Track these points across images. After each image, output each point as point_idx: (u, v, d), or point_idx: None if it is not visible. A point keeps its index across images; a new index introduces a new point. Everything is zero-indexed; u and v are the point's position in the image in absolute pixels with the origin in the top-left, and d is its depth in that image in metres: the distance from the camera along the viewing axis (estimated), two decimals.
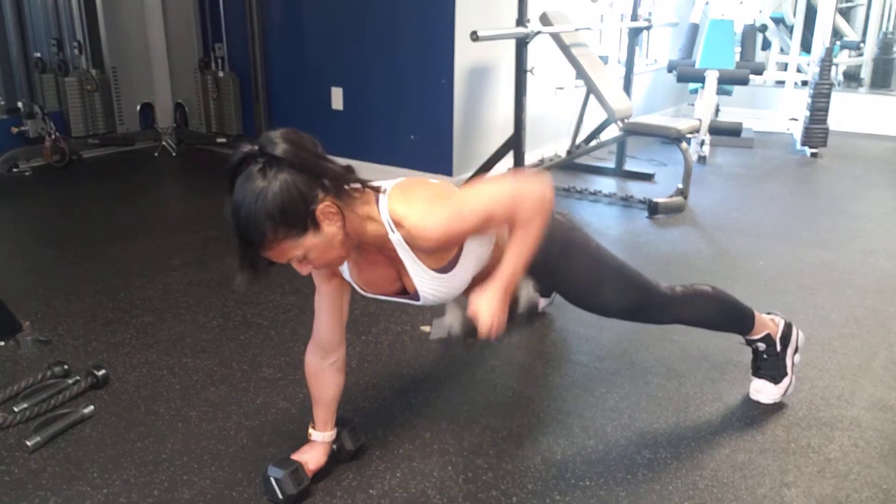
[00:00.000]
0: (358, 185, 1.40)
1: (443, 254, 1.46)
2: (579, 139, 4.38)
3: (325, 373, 1.64)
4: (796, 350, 2.00)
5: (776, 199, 4.23)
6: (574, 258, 1.75)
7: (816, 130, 5.17)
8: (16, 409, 1.86)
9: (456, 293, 1.55)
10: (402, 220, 1.37)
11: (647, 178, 4.47)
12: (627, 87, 4.68)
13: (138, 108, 5.01)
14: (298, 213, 1.26)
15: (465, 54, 3.94)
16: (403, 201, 1.39)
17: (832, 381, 2.12)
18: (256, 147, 1.27)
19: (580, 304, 1.84)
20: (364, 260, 1.49)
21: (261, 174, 1.25)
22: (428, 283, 1.48)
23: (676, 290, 1.85)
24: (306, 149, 1.29)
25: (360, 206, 1.38)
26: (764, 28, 6.75)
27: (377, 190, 1.41)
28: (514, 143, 3.74)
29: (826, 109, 5.14)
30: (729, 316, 1.94)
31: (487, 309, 1.41)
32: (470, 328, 1.44)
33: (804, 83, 6.12)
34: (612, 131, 4.45)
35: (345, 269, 1.53)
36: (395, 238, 1.40)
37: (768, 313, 2.01)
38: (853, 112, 6.09)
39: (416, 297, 1.53)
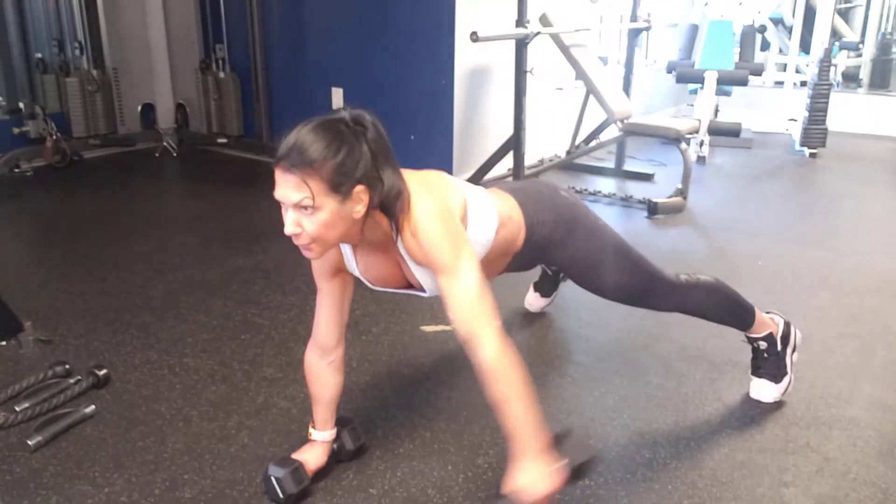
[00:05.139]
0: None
1: None
2: (579, 139, 4.38)
3: (323, 372, 1.65)
4: (795, 349, 2.01)
5: (775, 199, 4.23)
6: (581, 235, 1.76)
7: (815, 131, 5.17)
8: (17, 409, 1.87)
9: None
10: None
11: (646, 178, 4.48)
12: (627, 88, 4.69)
13: (139, 108, 5.02)
14: (347, 172, 1.29)
15: (465, 55, 3.94)
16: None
17: (831, 380, 2.12)
18: (350, 116, 1.36)
19: (584, 282, 1.84)
20: (373, 257, 1.51)
21: (347, 128, 1.33)
22: (430, 277, 1.49)
23: (680, 277, 1.88)
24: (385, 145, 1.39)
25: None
26: (763, 29, 6.75)
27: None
28: (514, 144, 3.74)
29: (825, 110, 5.15)
30: (730, 308, 1.95)
31: (540, 489, 1.33)
32: None
33: (803, 84, 6.13)
34: (612, 131, 4.45)
35: (353, 266, 1.54)
36: (398, 242, 1.42)
37: (767, 312, 2.02)
38: (852, 112, 6.10)
39: (422, 289, 1.54)
